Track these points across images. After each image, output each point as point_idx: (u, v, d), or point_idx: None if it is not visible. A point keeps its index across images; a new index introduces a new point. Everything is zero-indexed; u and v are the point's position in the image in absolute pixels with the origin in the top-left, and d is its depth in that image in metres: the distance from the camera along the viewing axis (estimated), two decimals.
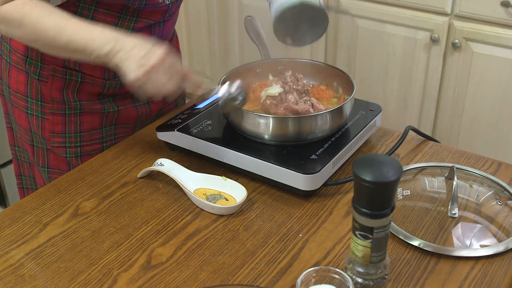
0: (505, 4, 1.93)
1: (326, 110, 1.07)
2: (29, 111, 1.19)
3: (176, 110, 1.30)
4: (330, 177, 1.04)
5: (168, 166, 1.04)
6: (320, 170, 0.98)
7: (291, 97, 1.09)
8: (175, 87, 0.97)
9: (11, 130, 1.30)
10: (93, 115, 1.20)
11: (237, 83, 1.04)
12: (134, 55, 0.94)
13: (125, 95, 1.22)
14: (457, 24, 2.05)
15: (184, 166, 1.05)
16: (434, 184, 1.04)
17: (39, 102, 1.17)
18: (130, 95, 1.23)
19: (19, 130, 1.25)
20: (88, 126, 1.20)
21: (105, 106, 1.20)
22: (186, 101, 1.42)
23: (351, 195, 1.01)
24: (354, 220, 0.77)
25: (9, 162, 2.19)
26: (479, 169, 1.06)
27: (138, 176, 1.07)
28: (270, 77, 1.20)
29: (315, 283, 0.75)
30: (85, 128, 1.20)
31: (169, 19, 1.18)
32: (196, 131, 1.10)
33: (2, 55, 1.20)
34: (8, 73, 1.19)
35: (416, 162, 1.10)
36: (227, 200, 1.00)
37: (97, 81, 1.17)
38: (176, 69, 0.97)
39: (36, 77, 1.15)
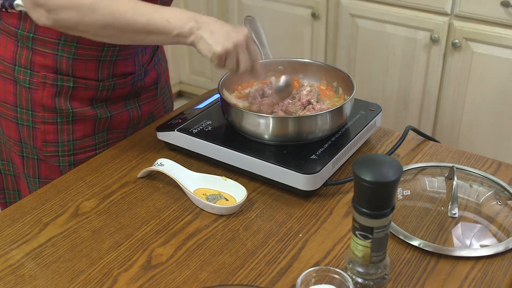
0: (505, 4, 1.93)
1: (326, 110, 1.07)
2: (19, 121, 1.15)
3: (177, 111, 1.30)
4: (330, 177, 1.04)
5: (168, 166, 1.04)
6: (320, 170, 0.98)
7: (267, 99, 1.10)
8: (251, 64, 1.01)
9: None
10: (86, 122, 1.17)
11: (285, 78, 1.13)
12: (219, 29, 0.97)
13: (117, 99, 1.20)
14: (457, 24, 2.05)
15: (184, 166, 1.05)
16: (434, 184, 1.04)
17: (30, 112, 1.13)
18: (122, 98, 1.21)
19: (7, 142, 1.20)
20: (81, 133, 1.17)
21: (98, 113, 1.17)
22: (185, 104, 1.42)
23: (351, 195, 1.01)
24: (354, 220, 0.77)
25: None
26: (479, 169, 1.06)
27: (138, 176, 1.07)
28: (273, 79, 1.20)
29: (315, 283, 0.75)
30: (78, 136, 1.17)
31: None
32: (196, 131, 1.10)
33: None
34: None
35: (416, 162, 1.11)
36: (227, 200, 1.00)
37: (90, 84, 1.14)
38: (254, 48, 1.02)
39: (26, 85, 1.11)
